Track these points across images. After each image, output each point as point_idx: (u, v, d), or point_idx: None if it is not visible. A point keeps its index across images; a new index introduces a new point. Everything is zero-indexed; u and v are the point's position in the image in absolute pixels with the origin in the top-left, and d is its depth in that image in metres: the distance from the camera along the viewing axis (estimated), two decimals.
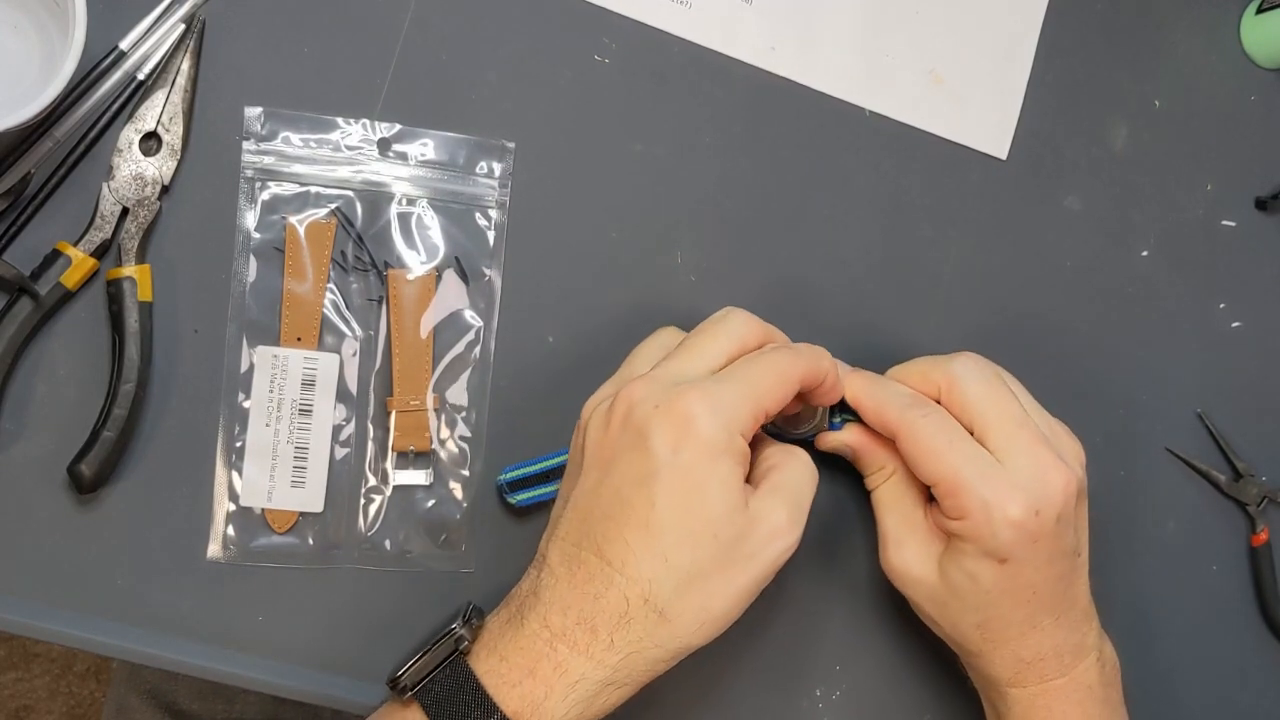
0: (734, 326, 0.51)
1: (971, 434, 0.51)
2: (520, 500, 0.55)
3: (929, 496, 0.54)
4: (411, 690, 0.47)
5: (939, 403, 0.53)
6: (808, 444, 0.57)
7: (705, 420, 0.46)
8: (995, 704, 0.55)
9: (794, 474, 0.49)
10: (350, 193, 0.56)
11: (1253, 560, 0.66)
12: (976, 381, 0.52)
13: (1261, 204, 0.67)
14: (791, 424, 0.55)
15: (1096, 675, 0.53)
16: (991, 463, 0.50)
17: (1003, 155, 0.64)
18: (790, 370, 0.49)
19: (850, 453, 0.56)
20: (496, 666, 0.46)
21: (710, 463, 0.46)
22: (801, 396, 0.52)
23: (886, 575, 0.55)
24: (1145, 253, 0.66)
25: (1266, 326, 0.67)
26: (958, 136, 0.63)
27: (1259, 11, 0.67)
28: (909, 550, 0.54)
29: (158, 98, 0.54)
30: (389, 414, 0.55)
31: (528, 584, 0.49)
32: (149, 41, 0.54)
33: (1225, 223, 0.67)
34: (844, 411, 0.54)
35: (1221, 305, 0.67)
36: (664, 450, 0.46)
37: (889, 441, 0.54)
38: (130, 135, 0.54)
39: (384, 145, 0.56)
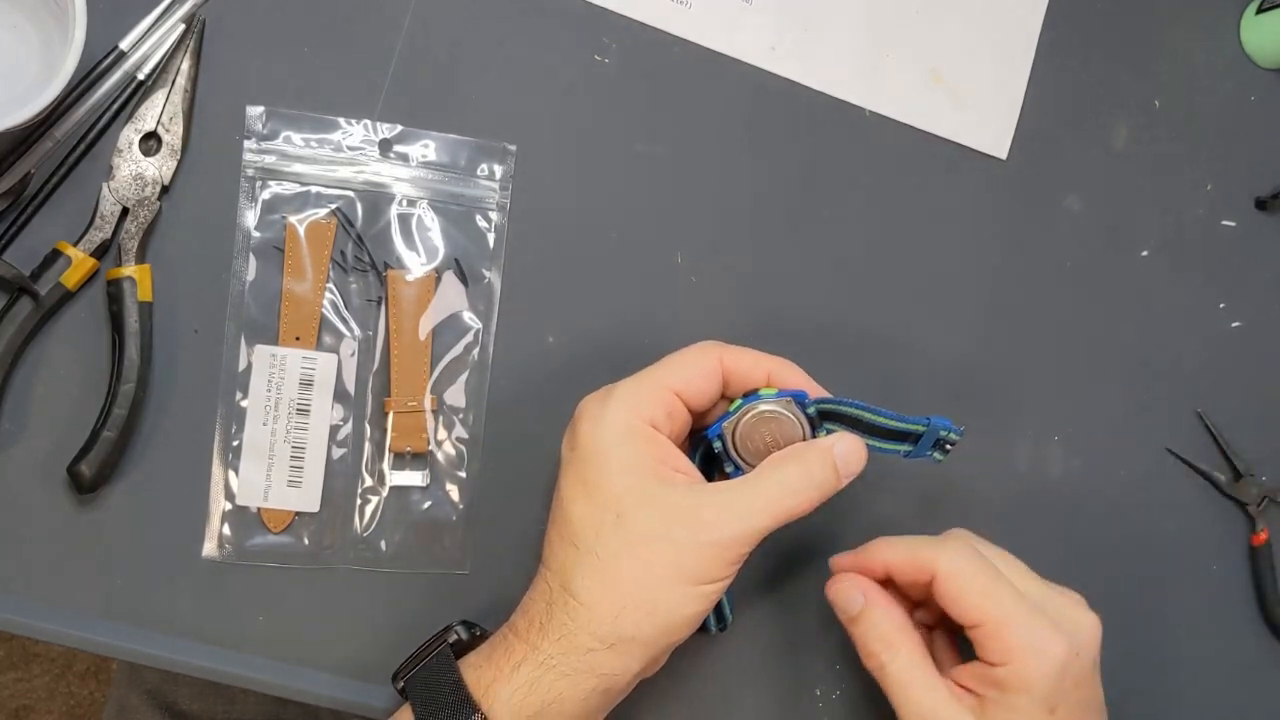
0: (691, 353, 0.51)
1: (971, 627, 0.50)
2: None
3: (948, 660, 0.54)
4: (402, 677, 0.50)
5: (928, 585, 0.51)
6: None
7: (596, 410, 0.49)
8: None
9: (760, 494, 0.48)
10: (351, 193, 0.56)
11: (1253, 560, 0.66)
12: (969, 570, 0.50)
13: (1261, 204, 0.67)
14: (776, 447, 0.51)
15: None
16: (1035, 605, 0.49)
17: (1003, 155, 0.64)
18: (702, 351, 0.51)
19: (863, 641, 0.52)
20: (472, 658, 0.49)
21: (608, 448, 0.48)
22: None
23: None
24: (1145, 253, 0.66)
25: (1266, 326, 0.67)
26: (958, 136, 0.63)
27: (1259, 11, 0.67)
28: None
29: (158, 98, 0.54)
30: (387, 415, 0.55)
31: None
32: (149, 41, 0.54)
33: (1225, 223, 0.67)
34: (827, 421, 0.51)
35: (1221, 305, 0.67)
36: (566, 449, 0.50)
37: (899, 617, 0.52)
38: (130, 135, 0.54)
39: (385, 146, 0.56)
